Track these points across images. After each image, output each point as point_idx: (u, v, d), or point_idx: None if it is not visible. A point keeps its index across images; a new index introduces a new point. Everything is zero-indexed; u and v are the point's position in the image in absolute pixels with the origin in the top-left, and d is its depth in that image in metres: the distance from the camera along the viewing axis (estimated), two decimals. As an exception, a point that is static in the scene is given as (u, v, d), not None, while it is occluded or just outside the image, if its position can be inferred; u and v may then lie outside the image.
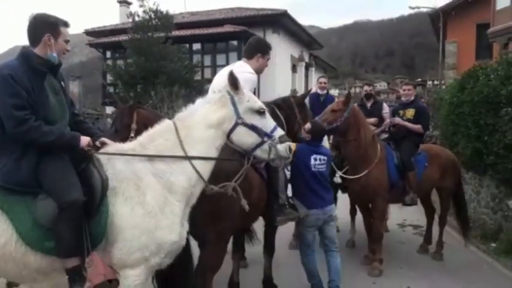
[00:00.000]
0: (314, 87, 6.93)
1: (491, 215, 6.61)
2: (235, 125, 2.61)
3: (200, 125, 2.60)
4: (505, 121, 5.54)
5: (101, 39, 22.11)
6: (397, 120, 5.50)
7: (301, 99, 4.42)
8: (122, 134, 3.75)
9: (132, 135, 3.93)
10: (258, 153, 2.68)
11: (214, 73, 20.51)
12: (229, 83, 2.62)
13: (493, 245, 6.09)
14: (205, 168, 2.59)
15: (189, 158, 2.52)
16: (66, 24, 2.53)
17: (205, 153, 2.59)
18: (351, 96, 4.89)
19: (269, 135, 2.64)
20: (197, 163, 2.54)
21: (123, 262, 2.32)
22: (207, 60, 20.35)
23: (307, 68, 26.19)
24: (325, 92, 6.82)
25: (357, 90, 60.09)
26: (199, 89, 16.49)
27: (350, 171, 4.97)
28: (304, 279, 4.20)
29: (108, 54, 21.91)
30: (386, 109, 6.57)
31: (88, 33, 23.98)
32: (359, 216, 5.54)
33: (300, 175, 3.97)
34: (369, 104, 6.62)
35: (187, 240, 2.78)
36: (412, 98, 5.73)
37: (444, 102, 9.20)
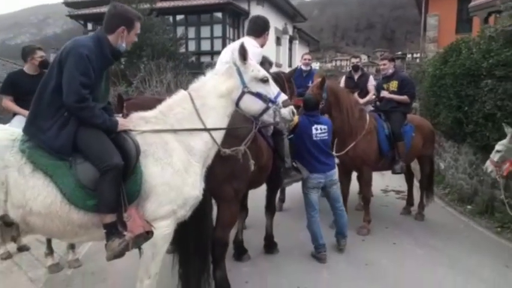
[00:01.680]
0: (300, 63, 7.19)
1: (468, 180, 7.09)
2: (242, 93, 2.86)
3: (212, 94, 2.85)
4: (484, 92, 5.91)
5: (82, 10, 21.57)
6: (385, 93, 5.78)
7: (290, 75, 4.68)
8: None
9: None
10: (265, 117, 2.95)
11: (198, 45, 20.47)
12: (239, 53, 2.84)
13: (469, 207, 6.61)
14: (219, 134, 2.88)
15: (208, 130, 2.80)
16: (140, 19, 2.72)
17: (218, 120, 2.85)
18: (325, 80, 5.10)
19: (273, 101, 2.90)
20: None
21: (155, 215, 2.60)
22: (191, 33, 20.16)
23: (290, 41, 26.22)
24: (308, 68, 7.05)
25: (338, 63, 60.49)
26: (185, 62, 16.49)
27: (339, 145, 5.29)
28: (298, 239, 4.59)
29: (90, 26, 21.39)
30: (372, 81, 6.86)
31: (67, 4, 23.31)
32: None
33: (303, 144, 4.32)
34: (356, 76, 6.91)
35: (209, 198, 3.08)
36: (391, 70, 5.98)
37: (427, 75, 9.58)
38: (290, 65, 23.78)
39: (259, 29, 3.93)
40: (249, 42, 3.62)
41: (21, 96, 4.19)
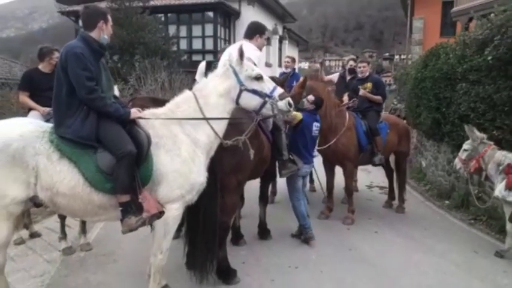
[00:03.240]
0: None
1: (446, 177, 7.60)
2: (240, 91, 3.26)
3: (213, 94, 3.27)
4: (460, 95, 6.39)
5: (74, 6, 21.67)
6: (362, 92, 6.23)
7: (283, 81, 5.09)
8: None
9: None
10: (264, 111, 3.35)
11: (190, 44, 20.78)
12: (238, 55, 3.24)
13: (447, 202, 7.12)
14: (221, 128, 3.30)
15: (207, 119, 3.22)
16: (109, 12, 3.16)
17: (219, 116, 3.27)
18: (307, 80, 5.46)
19: (269, 96, 3.28)
20: (214, 124, 3.24)
21: (167, 198, 3.02)
22: (183, 31, 20.45)
23: (280, 41, 26.67)
24: (289, 70, 7.35)
25: (327, 63, 61.11)
26: (178, 60, 16.81)
27: (321, 141, 5.75)
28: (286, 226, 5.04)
29: (80, 23, 21.50)
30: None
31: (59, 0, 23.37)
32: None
33: (303, 138, 4.82)
34: (348, 78, 7.35)
35: (216, 186, 3.51)
36: (367, 73, 6.50)
37: (410, 77, 10.11)
38: (280, 65, 24.21)
39: (250, 32, 4.35)
40: (249, 46, 4.05)
41: (37, 92, 4.57)
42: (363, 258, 4.60)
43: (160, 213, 2.93)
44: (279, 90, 3.35)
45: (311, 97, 4.95)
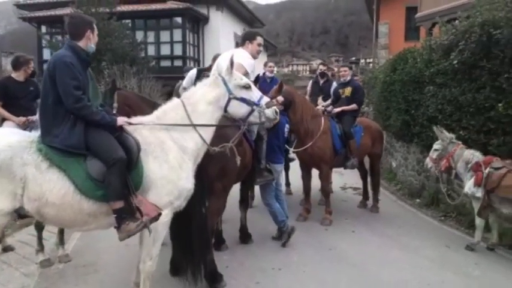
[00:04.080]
0: (262, 70, 7.69)
1: (417, 176, 7.90)
2: (229, 100, 3.32)
3: (201, 102, 3.32)
4: (428, 97, 6.69)
5: (35, 12, 21.08)
6: (336, 110, 6.42)
7: (255, 83, 5.21)
8: (108, 112, 4.33)
9: (114, 112, 4.54)
10: (251, 119, 3.42)
11: (158, 50, 20.58)
12: (228, 65, 3.30)
13: (418, 200, 7.40)
14: (208, 135, 3.34)
15: (194, 126, 3.26)
16: (95, 21, 3.17)
17: (207, 123, 3.31)
18: (282, 84, 5.66)
19: (257, 104, 3.36)
20: (202, 131, 3.28)
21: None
22: (151, 37, 20.22)
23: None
24: (272, 74, 7.57)
25: (295, 68, 61.92)
26: (147, 67, 16.63)
27: (298, 144, 5.88)
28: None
29: (44, 29, 20.94)
30: (334, 87, 7.55)
31: (19, 5, 22.67)
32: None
33: (277, 139, 4.95)
34: (321, 82, 7.57)
35: (204, 192, 3.54)
36: (349, 78, 6.73)
37: (378, 81, 10.44)
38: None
39: (241, 40, 4.51)
40: (243, 54, 4.12)
41: (12, 102, 4.47)
42: (342, 257, 4.73)
43: (159, 215, 2.94)
44: (266, 99, 3.45)
45: (280, 98, 5.09)
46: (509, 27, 4.91)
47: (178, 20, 20.36)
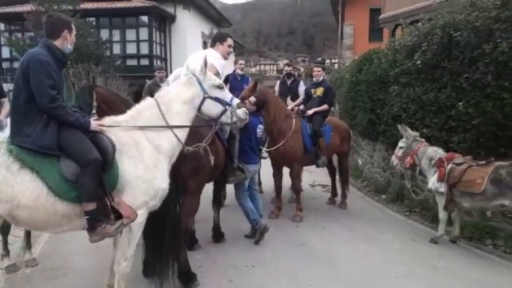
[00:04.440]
0: (233, 68, 7.75)
1: (382, 173, 8.15)
2: (204, 99, 3.36)
3: (176, 101, 3.32)
4: (392, 97, 6.92)
5: (-7, 9, 20.16)
6: (309, 112, 6.52)
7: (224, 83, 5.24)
8: (85, 111, 4.25)
9: (94, 111, 4.46)
10: (223, 119, 3.49)
11: (124, 49, 20.18)
12: (202, 66, 3.35)
13: (384, 196, 7.64)
14: (183, 134, 3.34)
15: (171, 127, 3.26)
16: (73, 22, 3.11)
17: (181, 122, 3.32)
18: (257, 84, 5.71)
19: (229, 104, 3.45)
20: (176, 131, 3.28)
21: (131, 205, 2.97)
22: (116, 36, 19.79)
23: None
24: (243, 72, 7.61)
25: (262, 67, 62.17)
26: (112, 66, 16.27)
27: (270, 143, 5.95)
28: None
29: (2, 26, 20.10)
30: (302, 86, 7.69)
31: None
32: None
33: (250, 139, 4.97)
34: (289, 82, 7.69)
35: (179, 192, 3.53)
36: (321, 78, 6.89)
37: (345, 81, 10.68)
38: (218, 70, 24.25)
39: (211, 41, 4.51)
40: (214, 54, 4.14)
41: None
42: (314, 252, 4.84)
43: (136, 217, 2.91)
44: (236, 100, 3.54)
45: (253, 98, 5.14)
46: (469, 29, 5.15)
47: (145, 18, 20.01)
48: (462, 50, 5.27)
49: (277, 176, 6.33)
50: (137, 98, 7.21)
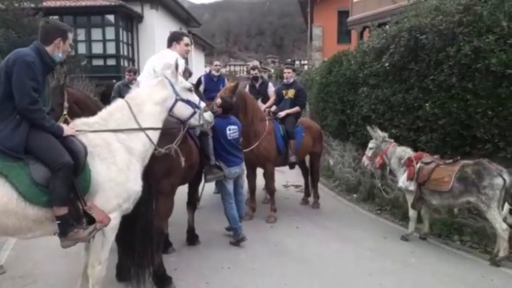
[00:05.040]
0: (208, 68, 7.73)
1: (353, 173, 8.32)
2: (176, 101, 3.44)
3: (148, 102, 3.32)
4: (362, 98, 7.06)
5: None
6: (281, 114, 6.54)
7: (197, 85, 5.24)
8: (56, 112, 4.12)
9: (65, 112, 4.33)
10: (192, 121, 3.60)
11: (89, 48, 19.69)
12: (173, 68, 3.40)
13: (355, 195, 7.80)
14: (155, 136, 3.33)
15: (143, 129, 3.23)
16: (71, 30, 3.05)
17: (154, 124, 3.32)
18: (238, 85, 5.77)
19: (198, 107, 3.58)
20: (149, 132, 3.27)
21: (104, 208, 2.91)
22: (81, 35, 19.28)
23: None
24: (219, 73, 7.62)
25: (232, 68, 62.25)
26: (78, 66, 15.84)
27: (244, 145, 5.96)
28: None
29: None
30: (271, 88, 7.73)
31: None
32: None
33: (219, 143, 4.92)
34: (257, 84, 7.71)
35: (151, 192, 3.48)
36: (292, 80, 6.95)
37: (315, 83, 10.83)
38: (187, 70, 24.04)
39: (167, 42, 4.46)
40: (172, 54, 4.09)
41: None
42: (288, 252, 4.88)
43: (109, 221, 2.85)
44: (203, 104, 3.67)
45: (218, 101, 5.12)
46: (434, 33, 5.33)
47: (111, 17, 19.62)
48: (428, 52, 5.44)
49: (251, 177, 6.36)
50: (104, 99, 7.07)
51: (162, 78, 3.43)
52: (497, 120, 4.76)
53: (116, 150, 3.05)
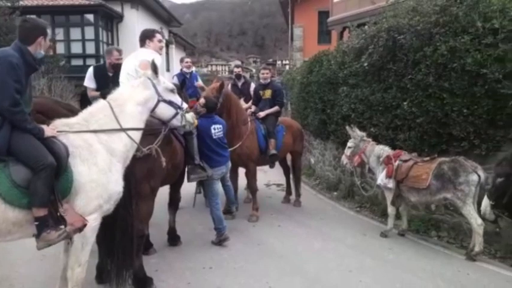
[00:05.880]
0: (181, 66, 7.71)
1: (333, 171, 8.41)
2: (158, 102, 3.44)
3: (130, 102, 3.31)
4: (342, 97, 7.15)
5: None
6: (261, 114, 6.55)
7: (182, 86, 5.19)
8: None
9: None
10: (174, 121, 3.61)
11: (68, 48, 19.36)
12: (151, 68, 3.38)
13: (335, 193, 7.89)
14: (137, 136, 3.32)
15: (124, 130, 3.21)
16: (49, 26, 2.99)
17: (135, 125, 3.30)
18: (224, 85, 5.79)
19: (180, 107, 3.59)
20: (130, 133, 3.24)
21: (84, 209, 2.90)
22: (60, 35, 18.92)
23: (167, 45, 26.32)
24: (190, 70, 7.56)
25: (214, 68, 61.94)
26: (57, 66, 15.55)
27: (228, 145, 5.96)
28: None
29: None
30: (253, 87, 7.75)
31: None
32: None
33: (205, 143, 4.90)
34: (240, 84, 7.72)
35: (130, 193, 3.45)
36: (269, 80, 6.97)
37: (296, 82, 10.90)
38: (168, 69, 23.93)
39: (140, 41, 4.39)
40: (146, 52, 4.07)
41: None
42: (270, 251, 4.91)
43: (84, 226, 2.81)
44: (185, 105, 3.67)
45: (202, 100, 5.12)
46: (411, 33, 5.43)
47: (90, 17, 19.30)
48: (406, 52, 5.55)
49: (233, 176, 6.36)
50: (83, 99, 6.95)
51: (145, 78, 3.43)
52: (472, 118, 4.89)
53: (97, 151, 3.03)
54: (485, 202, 2.95)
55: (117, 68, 5.53)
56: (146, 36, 4.35)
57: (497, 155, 4.78)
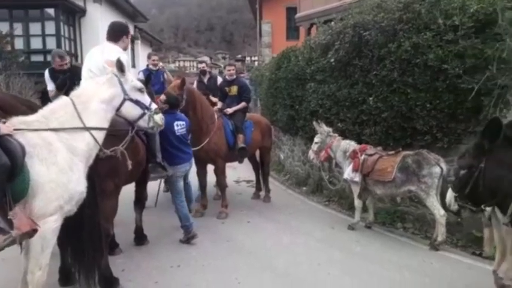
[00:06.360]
0: (147, 63, 7.58)
1: (302, 166, 8.47)
2: (124, 100, 3.32)
3: (94, 100, 3.18)
4: (309, 93, 7.20)
5: None
6: (229, 111, 6.50)
7: (147, 82, 5.09)
8: None
9: None
10: (141, 122, 3.48)
11: (28, 44, 18.60)
12: (117, 67, 3.27)
13: (304, 188, 7.96)
14: (101, 135, 3.20)
15: (88, 129, 3.09)
16: None
17: (99, 123, 3.18)
18: (185, 82, 5.67)
19: (148, 108, 3.46)
20: (93, 132, 3.12)
21: (44, 211, 2.77)
22: (18, 29, 18.13)
23: (132, 41, 25.74)
24: (157, 68, 7.43)
25: (181, 63, 61.20)
26: (15, 62, 14.92)
27: (195, 142, 5.87)
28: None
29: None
30: (220, 82, 7.68)
31: None
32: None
33: (167, 139, 4.80)
34: (205, 79, 7.64)
35: (95, 192, 3.33)
36: (234, 76, 6.92)
37: (265, 78, 10.90)
38: (134, 66, 23.39)
39: (114, 34, 4.13)
40: (113, 49, 3.92)
41: None
42: (239, 248, 4.89)
43: (34, 231, 2.67)
44: (154, 105, 3.54)
45: (163, 97, 5.04)
46: (376, 29, 5.53)
47: (50, 11, 18.59)
48: (371, 48, 5.64)
49: (201, 173, 6.29)
50: (44, 97, 6.69)
51: (111, 75, 3.31)
52: (434, 112, 5.03)
53: (57, 149, 2.89)
54: (450, 194, 3.04)
55: (63, 72, 5.41)
56: (123, 32, 4.16)
57: (458, 147, 4.94)
